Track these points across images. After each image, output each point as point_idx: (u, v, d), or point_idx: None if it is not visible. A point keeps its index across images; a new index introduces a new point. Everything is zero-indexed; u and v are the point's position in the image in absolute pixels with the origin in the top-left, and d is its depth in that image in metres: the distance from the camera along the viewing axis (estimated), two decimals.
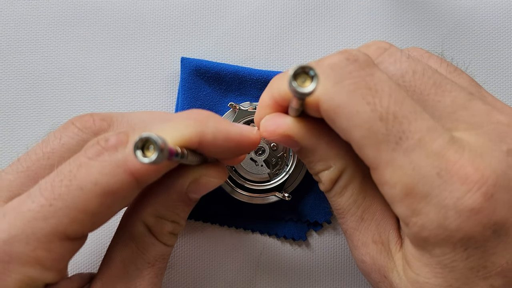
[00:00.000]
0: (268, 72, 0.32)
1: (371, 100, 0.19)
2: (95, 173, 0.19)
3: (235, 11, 0.34)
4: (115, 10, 0.34)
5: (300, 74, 0.18)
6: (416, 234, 0.20)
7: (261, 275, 0.32)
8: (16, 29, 0.34)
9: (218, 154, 0.23)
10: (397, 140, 0.19)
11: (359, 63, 0.20)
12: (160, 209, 0.23)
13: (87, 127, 0.22)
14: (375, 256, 0.23)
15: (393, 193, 0.20)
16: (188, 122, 0.21)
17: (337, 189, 0.23)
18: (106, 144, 0.20)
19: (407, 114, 0.19)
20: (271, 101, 0.23)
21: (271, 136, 0.23)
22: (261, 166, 0.31)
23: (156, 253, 0.23)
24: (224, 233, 0.32)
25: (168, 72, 0.34)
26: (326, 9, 0.34)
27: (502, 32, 0.34)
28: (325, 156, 0.23)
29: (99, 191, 0.19)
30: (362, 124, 0.19)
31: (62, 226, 0.19)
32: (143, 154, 0.17)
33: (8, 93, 0.33)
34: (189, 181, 0.23)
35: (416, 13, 0.34)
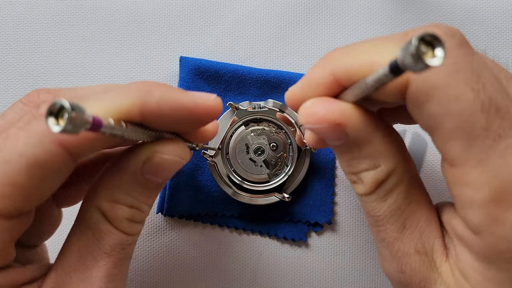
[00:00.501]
0: (268, 71, 0.32)
1: (474, 86, 0.16)
2: (21, 143, 0.18)
3: (234, 10, 0.34)
4: (114, 9, 0.34)
5: (420, 43, 0.14)
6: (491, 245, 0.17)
7: (261, 276, 0.32)
8: (15, 28, 0.33)
9: (171, 125, 0.21)
10: (495, 137, 0.16)
11: (457, 40, 0.17)
12: (114, 192, 0.21)
13: (31, 100, 0.21)
14: (417, 268, 0.20)
15: (476, 196, 0.17)
16: (128, 93, 0.19)
17: (380, 192, 0.20)
18: (36, 112, 0.18)
19: (509, 107, 0.17)
20: (329, 79, 0.19)
21: (317, 122, 0.19)
22: (261, 167, 0.30)
23: (113, 241, 0.21)
24: (224, 233, 0.32)
25: (167, 71, 0.33)
26: (326, 8, 0.34)
27: (502, 31, 0.33)
28: (375, 153, 0.20)
29: (25, 163, 0.18)
30: (459, 113, 0.17)
31: None
32: (56, 122, 0.15)
33: (7, 93, 0.33)
34: (142, 160, 0.20)
35: (416, 12, 0.34)
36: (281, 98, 0.32)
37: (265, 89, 0.32)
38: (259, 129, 0.30)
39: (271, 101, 0.31)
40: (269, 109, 0.30)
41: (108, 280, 0.21)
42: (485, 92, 0.17)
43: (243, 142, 0.30)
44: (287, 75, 0.32)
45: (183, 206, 0.31)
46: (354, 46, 0.20)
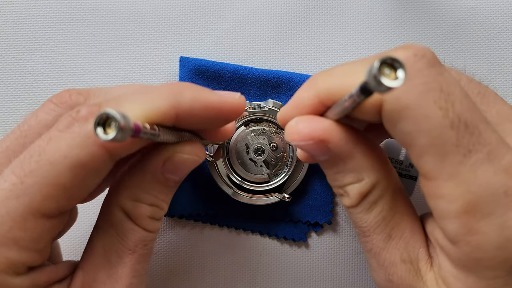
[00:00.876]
0: (268, 71, 0.32)
1: (443, 105, 0.18)
2: (64, 145, 0.19)
3: (234, 11, 0.34)
4: (114, 10, 0.34)
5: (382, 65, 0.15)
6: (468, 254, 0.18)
7: (261, 276, 0.32)
8: (15, 28, 0.33)
9: (199, 125, 0.22)
10: (465, 152, 0.17)
11: (427, 60, 0.18)
12: (136, 191, 0.22)
13: (63, 101, 0.22)
14: (403, 276, 0.21)
15: (450, 208, 0.18)
16: (162, 95, 0.20)
17: (365, 204, 0.21)
18: (77, 115, 0.19)
19: (478, 124, 0.18)
20: (314, 101, 0.21)
21: (302, 139, 0.21)
22: (261, 167, 0.30)
23: (136, 238, 0.22)
24: (224, 233, 0.32)
25: (167, 72, 0.33)
26: (326, 8, 0.34)
27: (502, 31, 0.33)
28: (359, 167, 0.21)
29: (69, 164, 0.19)
30: (430, 131, 0.18)
31: (36, 203, 0.19)
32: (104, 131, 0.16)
33: (7, 93, 0.33)
34: (162, 160, 0.22)
35: (416, 13, 0.34)
36: (281, 98, 0.32)
37: (265, 89, 0.32)
38: (259, 129, 0.30)
39: (271, 101, 0.31)
40: (269, 109, 0.30)
41: (132, 276, 0.22)
42: (454, 110, 0.18)
43: (243, 142, 0.30)
44: (287, 75, 0.32)
45: (183, 206, 0.31)
46: (335, 69, 0.21)
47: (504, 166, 0.18)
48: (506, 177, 0.17)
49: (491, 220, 0.18)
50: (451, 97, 0.18)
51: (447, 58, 0.33)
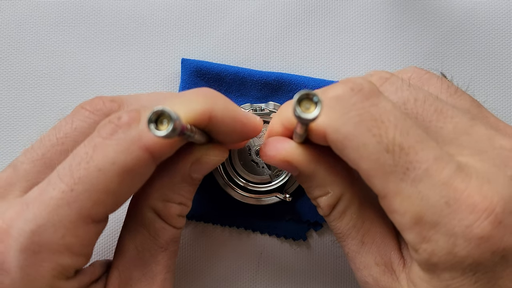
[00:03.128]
0: (269, 73, 0.32)
1: (376, 132, 0.19)
2: (111, 152, 0.19)
3: (236, 13, 0.34)
4: (116, 12, 0.34)
5: (304, 100, 0.18)
6: (426, 260, 0.20)
7: (261, 275, 0.32)
8: (17, 30, 0.33)
9: (223, 135, 0.23)
10: (404, 171, 0.19)
11: (363, 93, 0.20)
12: (167, 192, 0.23)
13: (97, 109, 0.23)
14: (378, 278, 0.23)
15: (403, 221, 0.20)
16: (199, 98, 0.21)
17: (335, 214, 0.24)
18: (119, 122, 0.20)
19: (414, 144, 0.19)
20: (281, 127, 0.24)
21: (270, 160, 0.23)
22: (262, 168, 0.31)
23: (168, 236, 0.23)
24: (225, 233, 0.33)
25: (169, 73, 0.34)
26: (326, 10, 0.34)
27: (500, 34, 0.34)
28: (323, 182, 0.23)
29: (117, 170, 0.19)
30: (369, 156, 0.20)
31: (86, 209, 0.19)
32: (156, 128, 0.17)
33: (9, 94, 0.33)
34: (191, 161, 0.23)
35: (416, 14, 0.34)
36: (282, 100, 0.32)
37: (266, 91, 0.32)
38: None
39: (272, 103, 0.31)
40: (270, 111, 0.31)
41: (166, 271, 0.24)
42: (388, 136, 0.19)
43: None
44: (288, 77, 0.32)
45: None
46: None
47: (443, 179, 0.19)
48: (445, 189, 0.19)
49: (438, 229, 0.19)
50: (385, 124, 0.19)
51: (445, 60, 0.34)
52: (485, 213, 0.19)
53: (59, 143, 0.22)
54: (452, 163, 0.19)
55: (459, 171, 0.19)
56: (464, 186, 0.19)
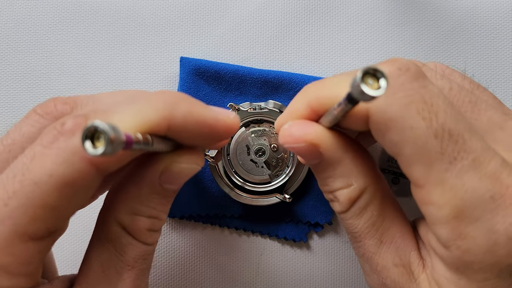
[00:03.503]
0: (268, 71, 0.32)
1: (426, 116, 0.18)
2: (49, 163, 0.17)
3: (235, 11, 0.34)
4: (114, 10, 0.33)
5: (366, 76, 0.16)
6: (459, 258, 0.19)
7: (261, 277, 0.32)
8: (15, 30, 0.33)
9: (190, 141, 0.21)
10: (451, 160, 0.18)
11: (411, 73, 0.19)
12: (134, 204, 0.21)
13: (48, 112, 0.20)
14: (396, 280, 0.21)
15: (440, 214, 0.19)
16: (156, 105, 0.19)
17: (355, 210, 0.22)
18: (62, 129, 0.18)
19: (463, 132, 0.18)
20: (306, 109, 0.22)
21: (295, 142, 0.21)
22: (262, 168, 0.30)
23: (136, 253, 0.21)
24: (224, 234, 0.32)
25: (168, 72, 0.33)
26: (326, 8, 0.34)
27: (503, 32, 0.33)
28: (348, 172, 0.21)
29: (55, 183, 0.17)
30: (415, 141, 0.18)
31: (22, 226, 0.17)
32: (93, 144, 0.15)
33: (7, 94, 0.33)
34: (160, 170, 0.21)
35: (418, 13, 0.34)
36: (281, 99, 0.32)
37: (265, 90, 0.32)
38: (259, 130, 0.30)
39: (271, 102, 0.31)
40: (270, 110, 0.30)
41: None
42: (438, 120, 0.18)
43: (244, 143, 0.30)
44: (288, 75, 0.32)
45: (184, 207, 0.31)
46: (326, 80, 0.22)
47: (490, 172, 0.18)
48: (491, 183, 0.18)
49: (478, 225, 0.18)
50: (435, 108, 0.18)
51: (447, 58, 0.33)
52: None
53: (5, 150, 0.20)
54: (497, 157, 0.19)
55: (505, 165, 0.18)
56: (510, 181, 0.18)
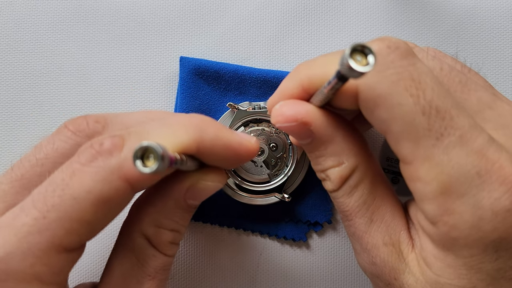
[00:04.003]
0: (268, 71, 0.32)
1: (414, 92, 0.19)
2: (88, 180, 0.19)
3: (234, 10, 0.34)
4: (114, 10, 0.34)
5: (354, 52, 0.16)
6: (446, 234, 0.19)
7: (261, 276, 0.32)
8: (15, 29, 0.33)
9: (214, 162, 0.22)
10: (438, 136, 0.18)
11: (400, 52, 0.19)
12: (159, 218, 0.22)
13: (80, 130, 0.22)
14: (386, 259, 0.22)
15: (427, 190, 0.19)
16: (187, 128, 0.20)
17: (346, 188, 0.22)
18: (100, 149, 0.19)
19: (450, 109, 0.19)
20: (298, 89, 0.22)
21: (286, 121, 0.22)
22: (261, 167, 0.30)
23: (157, 264, 0.22)
24: (224, 233, 0.32)
25: (167, 72, 0.33)
26: (326, 7, 0.34)
27: (504, 29, 0.33)
28: (339, 151, 0.22)
29: (93, 200, 0.19)
30: (403, 117, 0.19)
31: (58, 238, 0.19)
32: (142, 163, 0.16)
33: (7, 93, 0.33)
34: (186, 187, 0.22)
35: (416, 12, 0.34)
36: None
37: (265, 89, 0.32)
38: (259, 130, 0.30)
39: None
40: None
41: None
42: (425, 97, 0.19)
43: None
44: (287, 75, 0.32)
45: None
46: (316, 59, 0.22)
47: (476, 148, 0.18)
48: (478, 159, 0.18)
49: (465, 201, 0.18)
50: (422, 85, 0.19)
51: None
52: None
53: (38, 164, 0.21)
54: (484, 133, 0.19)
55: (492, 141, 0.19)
56: (496, 157, 0.18)
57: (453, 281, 0.20)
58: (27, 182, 0.21)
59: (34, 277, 0.19)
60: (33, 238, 0.18)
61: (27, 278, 0.19)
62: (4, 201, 0.21)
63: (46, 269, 0.19)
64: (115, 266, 0.22)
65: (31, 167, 0.21)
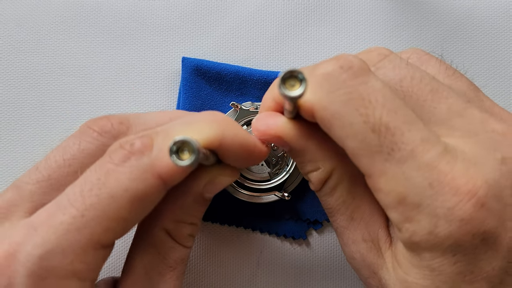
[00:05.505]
0: (269, 72, 0.32)
1: (363, 111, 0.20)
2: (124, 179, 0.19)
3: (236, 11, 0.34)
4: (116, 10, 0.34)
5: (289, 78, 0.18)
6: (408, 238, 0.20)
7: (261, 274, 0.32)
8: (18, 29, 0.34)
9: (229, 159, 0.23)
10: (389, 151, 0.19)
11: (353, 71, 0.20)
12: (179, 213, 0.23)
13: (106, 131, 0.22)
14: (365, 254, 0.23)
15: (387, 200, 0.20)
16: (211, 124, 0.21)
17: (326, 189, 0.24)
18: (132, 149, 0.20)
19: (400, 125, 0.19)
20: (272, 102, 0.24)
21: (261, 135, 0.23)
22: (262, 166, 0.31)
23: (177, 256, 0.23)
24: (224, 231, 0.33)
25: (169, 72, 0.34)
26: (326, 9, 0.34)
27: (501, 32, 0.34)
28: (314, 158, 0.23)
29: (129, 198, 0.19)
30: (355, 135, 0.20)
31: (96, 235, 0.19)
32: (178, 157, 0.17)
33: (9, 93, 0.33)
34: (205, 182, 0.23)
35: (415, 14, 0.34)
36: None
37: (266, 90, 0.32)
38: None
39: None
40: None
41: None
42: (374, 115, 0.19)
43: None
44: None
45: None
46: None
47: (428, 161, 0.19)
48: (429, 171, 0.19)
49: (421, 210, 0.19)
50: (372, 104, 0.20)
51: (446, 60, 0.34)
52: (468, 195, 0.19)
53: (66, 164, 0.22)
54: (438, 145, 0.19)
55: (445, 153, 0.19)
56: (448, 169, 0.19)
57: (418, 281, 0.20)
58: (55, 182, 0.22)
59: (73, 274, 0.19)
60: (72, 236, 0.19)
61: (67, 275, 0.19)
62: (32, 201, 0.21)
63: (84, 266, 0.20)
64: (136, 260, 0.23)
65: (58, 168, 0.22)
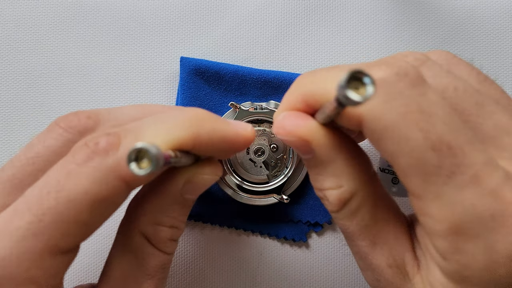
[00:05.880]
0: (268, 71, 0.32)
1: (424, 127, 0.17)
2: (84, 181, 0.18)
3: (235, 11, 0.34)
4: (114, 10, 0.34)
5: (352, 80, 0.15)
6: (456, 270, 0.18)
7: (261, 276, 0.32)
8: (16, 29, 0.33)
9: (210, 154, 0.22)
10: (449, 174, 0.17)
11: (409, 79, 0.18)
12: (157, 215, 0.22)
13: (72, 126, 0.21)
14: (390, 280, 0.21)
15: (437, 228, 0.18)
16: (183, 123, 0.20)
17: (346, 212, 0.21)
18: (96, 148, 0.19)
19: (463, 145, 0.17)
20: (301, 104, 0.21)
21: (287, 135, 0.21)
22: (260, 167, 0.30)
23: (156, 263, 0.22)
24: (224, 234, 0.32)
25: (168, 72, 0.33)
26: (326, 8, 0.34)
27: (502, 32, 0.33)
28: (339, 173, 0.20)
29: (89, 201, 0.18)
30: (411, 152, 0.17)
31: (54, 240, 0.18)
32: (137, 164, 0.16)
33: (7, 93, 0.33)
34: (182, 182, 0.22)
35: (417, 13, 0.34)
36: (282, 99, 0.32)
37: (266, 90, 0.32)
38: (260, 130, 0.30)
39: (272, 102, 0.31)
40: (270, 110, 0.30)
41: None
42: (436, 132, 0.17)
43: None
44: (288, 76, 0.32)
45: None
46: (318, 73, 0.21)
47: (490, 189, 0.17)
48: (491, 200, 0.17)
49: (477, 242, 0.17)
50: (433, 119, 0.17)
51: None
52: None
53: (29, 163, 0.20)
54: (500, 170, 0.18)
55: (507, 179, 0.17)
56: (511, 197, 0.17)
57: None
58: (18, 182, 0.20)
59: (30, 281, 0.18)
60: (28, 242, 0.18)
61: (23, 282, 0.18)
62: None
63: (42, 272, 0.18)
64: (113, 267, 0.22)
65: (21, 167, 0.21)
